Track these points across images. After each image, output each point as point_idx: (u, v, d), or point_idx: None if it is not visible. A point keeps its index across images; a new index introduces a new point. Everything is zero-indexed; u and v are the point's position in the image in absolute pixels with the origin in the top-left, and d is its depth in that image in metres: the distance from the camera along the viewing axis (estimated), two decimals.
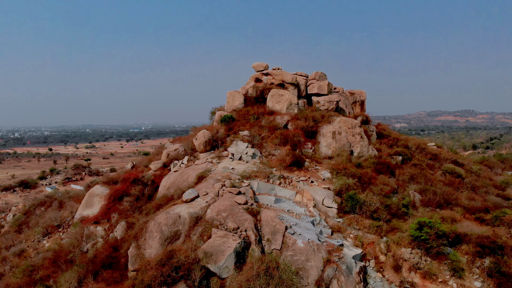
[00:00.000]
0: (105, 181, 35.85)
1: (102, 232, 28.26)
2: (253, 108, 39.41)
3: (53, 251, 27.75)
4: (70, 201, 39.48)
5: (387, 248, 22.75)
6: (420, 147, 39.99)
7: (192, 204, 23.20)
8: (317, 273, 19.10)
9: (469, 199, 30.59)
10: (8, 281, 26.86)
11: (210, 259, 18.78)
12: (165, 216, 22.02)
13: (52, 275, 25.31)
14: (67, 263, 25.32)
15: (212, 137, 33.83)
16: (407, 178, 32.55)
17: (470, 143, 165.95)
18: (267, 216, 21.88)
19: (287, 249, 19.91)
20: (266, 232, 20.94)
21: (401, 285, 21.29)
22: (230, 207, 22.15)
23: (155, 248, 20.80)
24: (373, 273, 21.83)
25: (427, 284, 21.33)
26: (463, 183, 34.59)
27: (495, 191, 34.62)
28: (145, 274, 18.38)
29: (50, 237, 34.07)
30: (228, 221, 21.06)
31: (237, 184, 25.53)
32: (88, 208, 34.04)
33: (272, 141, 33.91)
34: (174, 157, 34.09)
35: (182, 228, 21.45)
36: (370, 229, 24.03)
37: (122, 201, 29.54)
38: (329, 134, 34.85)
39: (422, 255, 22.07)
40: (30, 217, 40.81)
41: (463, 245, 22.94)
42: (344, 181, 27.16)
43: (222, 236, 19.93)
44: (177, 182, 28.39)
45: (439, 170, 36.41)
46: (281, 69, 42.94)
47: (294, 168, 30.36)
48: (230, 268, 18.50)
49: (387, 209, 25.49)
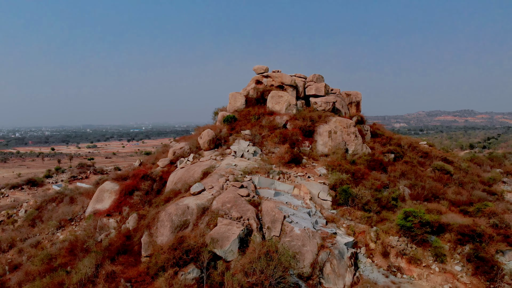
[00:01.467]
0: (114, 177, 38.06)
1: (114, 224, 30.45)
2: (254, 108, 41.62)
3: (69, 241, 29.91)
4: (81, 197, 41.70)
5: (377, 237, 24.97)
6: (412, 146, 42.19)
7: (199, 197, 25.42)
8: (312, 256, 21.33)
9: (455, 194, 32.80)
10: (28, 269, 29.02)
11: (217, 244, 21.00)
12: (175, 207, 24.24)
13: (69, 262, 27.50)
14: (83, 252, 27.48)
15: (215, 136, 36.03)
16: (398, 174, 34.75)
17: (467, 143, 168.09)
18: (267, 207, 24.12)
19: (285, 236, 22.15)
20: (266, 220, 23.17)
21: (388, 269, 23.54)
22: (234, 199, 24.37)
23: (166, 236, 23.02)
24: (364, 258, 24.06)
25: (412, 268, 23.57)
26: (451, 179, 36.83)
27: (482, 187, 36.88)
28: (159, 257, 20.63)
29: (63, 230, 36.29)
30: (232, 211, 23.29)
31: (239, 179, 27.74)
32: (98, 203, 36.24)
33: (272, 140, 36.10)
34: (180, 154, 36.29)
35: (191, 217, 23.66)
36: (362, 219, 26.24)
37: (132, 196, 31.73)
38: (325, 133, 37.05)
39: (408, 242, 24.30)
40: (43, 212, 43.02)
41: (446, 233, 25.16)
42: (338, 176, 29.38)
43: (227, 224, 22.15)
44: (184, 178, 30.57)
45: (429, 167, 38.64)
46: (280, 72, 45.14)
47: (292, 165, 32.56)
48: (234, 252, 20.72)
49: (378, 202, 27.71)
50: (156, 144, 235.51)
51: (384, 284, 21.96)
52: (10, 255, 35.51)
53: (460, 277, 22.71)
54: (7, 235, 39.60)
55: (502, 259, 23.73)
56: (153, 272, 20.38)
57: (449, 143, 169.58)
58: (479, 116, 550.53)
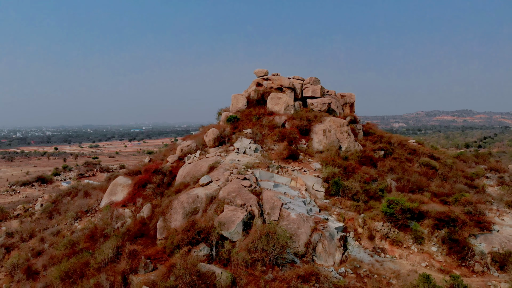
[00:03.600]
0: (126, 173, 41.36)
1: (130, 213, 33.69)
2: (254, 109, 44.93)
3: (89, 229, 33.18)
4: (94, 191, 44.98)
5: (364, 222, 28.26)
6: (401, 143, 45.49)
7: (207, 187, 28.72)
8: (306, 237, 24.63)
9: (438, 187, 36.10)
10: (52, 254, 32.31)
11: (223, 227, 24.30)
12: (186, 196, 27.55)
13: (91, 247, 30.74)
14: (103, 237, 30.74)
15: (220, 134, 39.33)
16: (387, 169, 38.06)
17: (463, 142, 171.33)
18: (267, 196, 27.42)
19: (283, 220, 25.45)
20: (266, 207, 26.48)
21: (373, 250, 26.85)
22: (238, 189, 27.66)
23: (179, 221, 26.31)
24: (352, 241, 27.36)
25: (394, 249, 26.88)
26: (436, 174, 40.15)
27: (464, 181, 40.21)
28: (174, 237, 23.94)
29: (80, 220, 39.54)
30: (236, 199, 26.59)
31: (242, 172, 31.03)
32: (112, 196, 39.50)
33: (272, 138, 39.40)
34: (187, 151, 39.56)
35: (200, 205, 26.97)
36: (351, 208, 29.56)
37: (145, 188, 34.98)
38: (320, 131, 40.34)
39: (391, 227, 27.60)
40: (59, 205, 46.27)
41: (426, 220, 28.45)
42: (331, 170, 32.67)
43: (232, 210, 25.46)
44: (192, 172, 33.84)
45: (416, 163, 41.97)
46: (279, 75, 48.42)
47: (290, 160, 35.86)
48: (239, 233, 24.03)
49: (366, 193, 31.03)
50: (157, 143, 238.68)
51: (369, 262, 25.26)
52: (31, 243, 38.77)
53: (435, 257, 26.03)
54: (26, 226, 42.85)
55: (474, 241, 27.06)
56: (169, 250, 23.71)
57: (445, 142, 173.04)
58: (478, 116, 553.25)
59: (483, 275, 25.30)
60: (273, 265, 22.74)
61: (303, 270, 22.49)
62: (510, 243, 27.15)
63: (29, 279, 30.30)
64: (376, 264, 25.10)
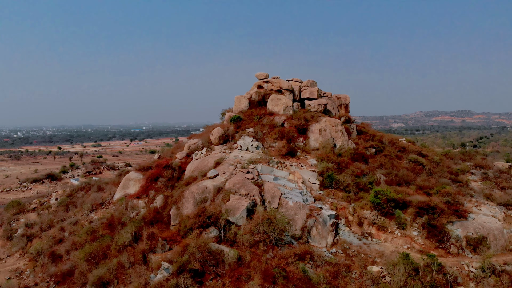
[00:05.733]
0: (138, 168, 44.86)
1: (143, 204, 37.14)
2: (256, 110, 48.46)
3: (107, 218, 36.64)
4: (107, 185, 48.47)
5: (354, 211, 31.77)
6: (392, 142, 49.02)
7: (214, 180, 32.23)
8: (302, 222, 28.15)
9: (423, 181, 39.61)
10: (74, 240, 35.76)
11: (230, 213, 27.80)
12: (196, 187, 31.06)
13: (109, 234, 34.20)
14: (120, 225, 34.18)
15: (224, 133, 42.85)
16: (377, 165, 41.55)
17: (459, 142, 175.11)
18: (268, 187, 30.95)
19: (282, 207, 28.97)
20: (267, 196, 29.99)
21: (362, 234, 30.36)
22: (242, 181, 31.16)
23: (190, 209, 29.82)
24: (343, 227, 30.87)
25: (380, 234, 30.40)
26: (423, 169, 43.67)
27: (449, 176, 43.73)
28: (187, 222, 27.46)
29: (96, 212, 43.01)
30: (241, 190, 30.09)
31: (246, 166, 34.52)
32: (125, 189, 42.93)
33: (272, 136, 42.91)
34: (194, 149, 43.06)
35: (209, 195, 30.47)
36: (343, 198, 33.08)
37: (157, 182, 38.46)
38: (317, 131, 43.86)
39: (378, 215, 31.12)
40: (74, 199, 49.76)
41: (409, 208, 31.95)
42: (325, 165, 36.18)
43: (237, 199, 28.97)
44: (200, 167, 37.34)
45: (405, 160, 45.49)
46: (279, 78, 51.96)
47: (288, 157, 39.37)
48: (243, 218, 27.53)
49: (356, 185, 34.55)
50: (159, 143, 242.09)
51: (357, 244, 28.78)
52: (51, 232, 42.17)
53: (416, 240, 29.58)
54: (45, 217, 46.30)
55: (451, 227, 30.58)
56: (183, 233, 27.23)
57: (441, 142, 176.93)
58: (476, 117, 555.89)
59: (458, 256, 28.85)
60: (273, 245, 26.24)
61: (299, 249, 26.04)
62: (483, 229, 30.71)
63: (54, 262, 33.77)
64: (364, 246, 28.62)
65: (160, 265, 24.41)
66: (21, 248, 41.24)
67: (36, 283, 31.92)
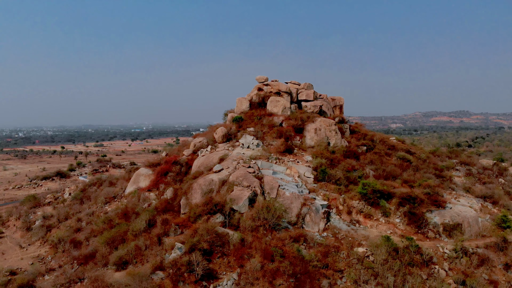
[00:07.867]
0: (147, 164, 48.67)
1: (154, 196, 40.94)
2: (256, 111, 52.30)
3: (121, 209, 40.44)
4: (118, 181, 52.29)
5: (344, 201, 35.58)
6: (382, 140, 52.85)
7: (219, 174, 36.06)
8: (297, 210, 31.97)
9: (409, 176, 43.41)
10: (92, 228, 39.53)
11: (234, 202, 31.60)
12: (203, 180, 34.88)
13: (125, 222, 37.99)
14: (135, 214, 37.96)
15: (227, 132, 46.67)
16: (368, 161, 45.38)
17: (454, 142, 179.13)
18: (267, 180, 34.79)
19: (279, 197, 32.79)
20: (267, 188, 33.83)
21: (350, 221, 34.18)
22: (244, 174, 34.98)
23: (198, 199, 33.62)
24: (334, 215, 34.67)
25: (366, 221, 34.22)
26: (410, 166, 47.50)
27: (434, 172, 47.54)
28: (196, 209, 31.28)
29: (109, 204, 46.79)
30: (243, 182, 33.91)
31: (247, 162, 38.34)
32: (135, 184, 46.73)
33: (271, 135, 46.72)
34: (199, 146, 46.87)
35: (215, 187, 34.28)
36: (334, 190, 36.90)
37: (166, 176, 42.27)
38: (312, 130, 47.69)
39: (365, 204, 34.92)
40: (87, 193, 53.55)
41: (393, 199, 35.75)
42: (319, 161, 40.01)
43: (240, 190, 32.78)
44: (205, 163, 41.13)
45: (394, 157, 49.33)
46: (278, 81, 55.81)
47: (286, 154, 43.21)
48: (246, 206, 31.34)
49: (347, 179, 38.37)
50: (160, 143, 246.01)
51: (346, 230, 32.61)
52: (68, 223, 45.92)
53: (398, 226, 33.43)
54: (61, 210, 50.10)
55: (430, 215, 34.39)
56: (193, 219, 31.03)
57: (437, 142, 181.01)
58: (474, 117, 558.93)
59: (434, 240, 32.70)
60: (272, 229, 30.05)
61: (295, 233, 29.88)
62: (459, 217, 34.52)
63: (76, 248, 37.53)
64: (351, 231, 32.46)
65: (173, 246, 28.20)
66: (41, 238, 45.05)
67: (60, 265, 35.70)
